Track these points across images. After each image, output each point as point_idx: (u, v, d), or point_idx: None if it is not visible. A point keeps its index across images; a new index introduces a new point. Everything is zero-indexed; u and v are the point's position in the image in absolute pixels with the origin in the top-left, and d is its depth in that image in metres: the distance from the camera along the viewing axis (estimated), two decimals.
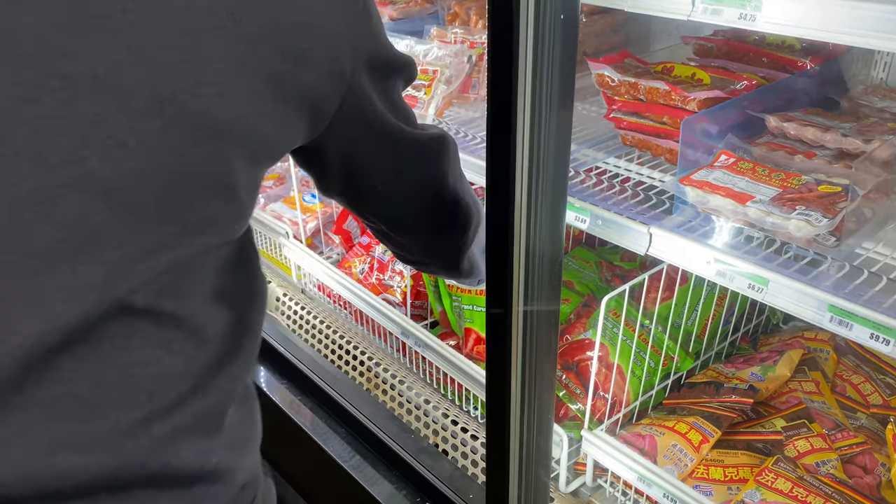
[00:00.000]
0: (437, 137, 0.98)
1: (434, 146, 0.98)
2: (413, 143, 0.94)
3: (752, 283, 1.13)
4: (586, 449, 1.45)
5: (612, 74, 1.45)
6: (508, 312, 0.98)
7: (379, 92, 0.86)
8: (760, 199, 1.15)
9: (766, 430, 1.47)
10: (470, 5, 1.88)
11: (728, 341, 1.74)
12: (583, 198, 1.33)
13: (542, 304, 1.01)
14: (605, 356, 1.53)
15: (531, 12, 0.80)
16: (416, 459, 1.59)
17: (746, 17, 0.98)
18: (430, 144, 0.97)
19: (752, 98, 1.35)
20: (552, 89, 0.86)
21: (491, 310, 1.01)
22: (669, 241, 1.21)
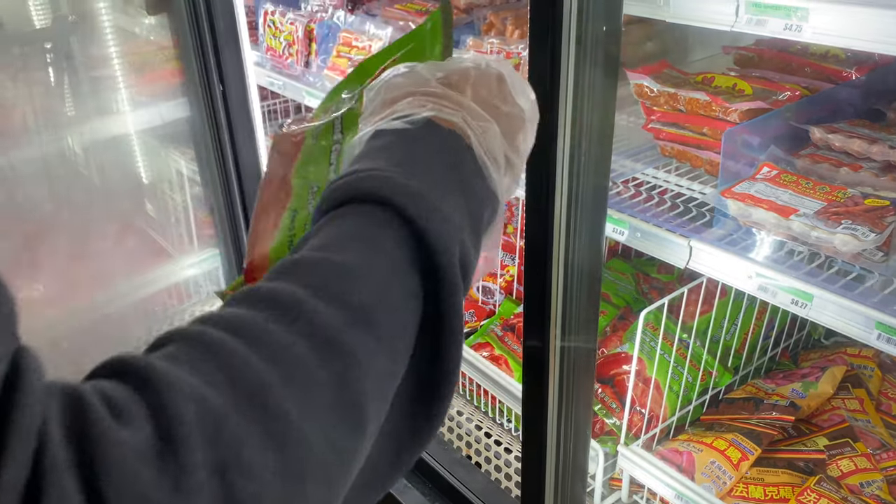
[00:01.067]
0: None
1: None
2: None
3: (795, 299, 1.10)
4: (622, 464, 1.43)
5: (652, 85, 1.43)
6: (546, 328, 0.97)
7: None
8: (804, 212, 1.13)
9: (807, 449, 1.44)
10: (506, 15, 1.87)
11: (768, 356, 1.71)
12: (621, 209, 1.31)
13: (581, 318, 1.00)
14: (642, 370, 1.50)
15: (573, 25, 0.79)
16: (449, 471, 1.58)
17: (792, 27, 0.96)
18: None
19: (796, 109, 1.33)
20: (594, 102, 0.85)
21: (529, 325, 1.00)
22: (710, 255, 1.19)
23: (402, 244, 0.52)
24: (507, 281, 2.00)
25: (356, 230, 0.52)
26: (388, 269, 0.51)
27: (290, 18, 2.08)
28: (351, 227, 0.52)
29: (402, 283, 0.51)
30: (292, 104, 3.13)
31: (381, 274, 0.50)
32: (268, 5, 2.16)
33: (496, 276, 2.00)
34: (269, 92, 2.59)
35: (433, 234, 0.51)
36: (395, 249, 0.51)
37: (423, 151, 0.57)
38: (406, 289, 0.51)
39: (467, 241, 0.55)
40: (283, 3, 2.15)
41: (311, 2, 2.16)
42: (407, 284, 0.51)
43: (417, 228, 0.51)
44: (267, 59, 2.16)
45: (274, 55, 2.14)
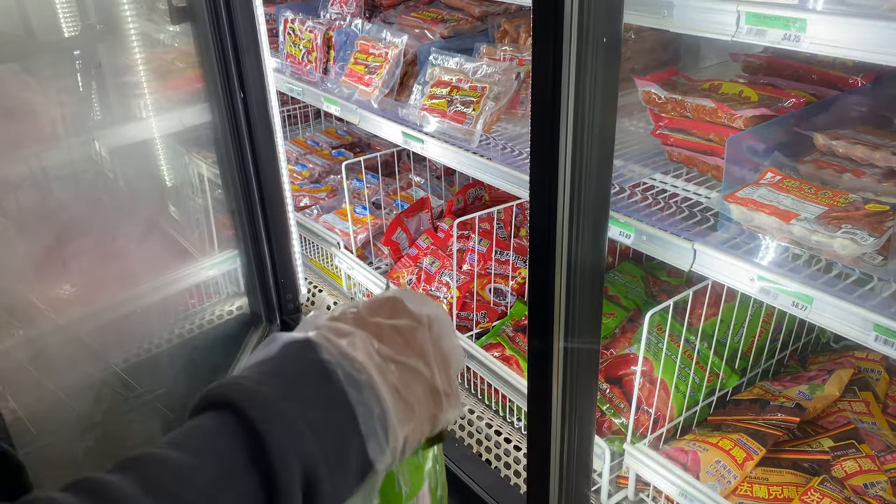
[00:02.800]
0: None
1: None
2: None
3: (796, 301, 1.13)
4: (629, 463, 1.46)
5: (659, 92, 1.46)
6: (550, 326, 1.01)
7: None
8: (805, 216, 1.15)
9: (812, 450, 1.46)
10: (519, 23, 1.91)
11: (775, 359, 1.73)
12: (628, 213, 1.34)
13: (584, 317, 1.03)
14: (649, 371, 1.53)
15: (574, 36, 0.83)
16: (459, 467, 1.62)
17: (791, 38, 1.00)
18: None
19: (801, 116, 1.35)
20: (594, 109, 0.89)
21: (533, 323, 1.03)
22: (713, 258, 1.22)
23: (241, 447, 0.55)
24: (519, 283, 2.04)
25: (202, 431, 0.56)
26: (224, 469, 0.54)
27: (310, 26, 2.13)
28: (199, 428, 0.56)
29: (236, 484, 0.53)
30: (311, 109, 3.20)
31: (214, 473, 0.53)
32: (288, 13, 2.22)
33: (508, 279, 2.04)
34: (287, 97, 2.65)
35: (269, 437, 0.54)
36: (233, 451, 0.54)
37: (292, 365, 0.62)
38: (244, 488, 0.54)
39: (315, 454, 0.56)
40: (303, 12, 2.21)
41: (330, 10, 2.22)
42: (243, 486, 0.54)
43: (256, 430, 0.54)
44: (286, 66, 2.22)
45: (293, 62, 2.20)
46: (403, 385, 0.64)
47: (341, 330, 0.64)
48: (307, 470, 0.55)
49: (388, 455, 0.62)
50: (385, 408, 0.61)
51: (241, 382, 0.58)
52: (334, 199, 2.60)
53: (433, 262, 2.13)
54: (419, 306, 0.70)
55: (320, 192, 2.64)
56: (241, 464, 0.54)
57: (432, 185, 2.59)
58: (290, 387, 0.59)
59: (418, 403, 0.65)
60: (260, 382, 0.58)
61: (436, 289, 2.08)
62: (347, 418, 0.60)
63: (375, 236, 2.36)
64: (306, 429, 0.56)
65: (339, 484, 0.58)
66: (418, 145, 1.77)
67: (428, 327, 0.68)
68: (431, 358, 0.67)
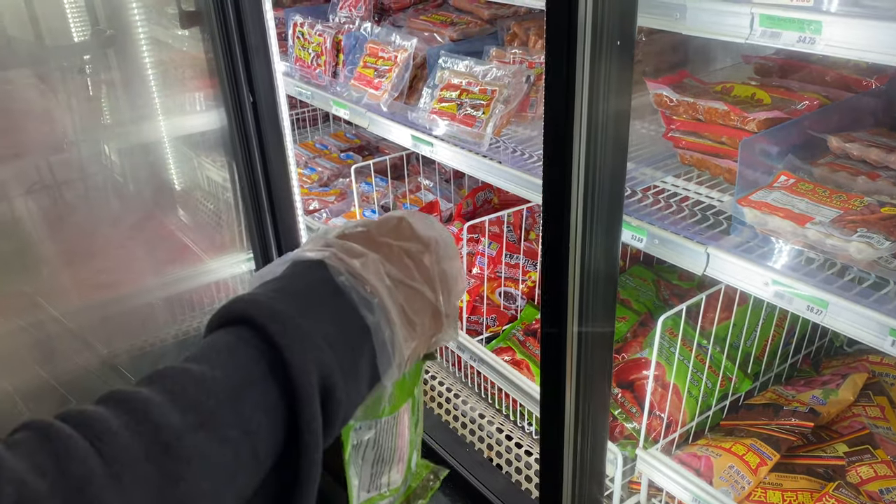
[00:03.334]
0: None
1: None
2: None
3: (810, 305, 1.12)
4: (641, 468, 1.45)
5: (671, 94, 1.45)
6: (563, 331, 1.00)
7: None
8: (820, 220, 1.14)
9: (827, 455, 1.45)
10: (529, 26, 1.91)
11: (788, 363, 1.72)
12: (640, 217, 1.33)
13: (597, 323, 1.02)
14: (661, 375, 1.52)
15: (588, 38, 0.83)
16: (471, 472, 1.61)
17: (805, 40, 0.99)
18: None
19: (814, 118, 1.34)
20: (608, 111, 0.88)
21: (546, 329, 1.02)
22: (727, 262, 1.21)
23: (260, 359, 0.57)
24: (529, 287, 2.03)
25: (221, 345, 0.58)
26: (243, 380, 0.56)
27: (319, 30, 2.13)
28: (218, 343, 0.59)
29: (257, 392, 0.56)
30: (320, 112, 3.20)
31: (234, 384, 0.55)
32: (297, 17, 2.22)
33: (518, 282, 2.03)
34: (296, 101, 2.66)
35: (288, 350, 0.57)
36: (252, 363, 0.57)
37: (305, 283, 0.64)
38: (262, 399, 0.56)
39: (331, 363, 0.59)
40: (312, 15, 2.21)
41: (339, 14, 2.22)
42: (263, 395, 0.56)
43: (275, 344, 0.57)
44: (296, 70, 2.22)
45: (303, 66, 2.20)
46: (409, 306, 0.67)
47: (353, 250, 0.66)
48: (323, 379, 0.58)
49: (395, 370, 0.65)
50: (393, 328, 0.65)
51: (257, 299, 0.60)
52: (343, 203, 2.60)
53: None
54: (426, 229, 0.72)
55: (329, 196, 2.64)
56: (261, 374, 0.57)
57: (441, 188, 2.58)
58: (306, 303, 0.61)
59: (421, 324, 0.68)
60: (276, 299, 0.60)
61: None
62: (360, 335, 0.63)
63: None
64: (323, 342, 0.59)
65: (352, 392, 0.62)
66: (428, 149, 1.77)
67: (434, 251, 0.70)
68: (437, 282, 0.69)
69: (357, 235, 0.69)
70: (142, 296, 2.02)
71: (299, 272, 0.65)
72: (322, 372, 0.58)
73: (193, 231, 2.17)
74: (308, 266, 0.65)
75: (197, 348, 0.58)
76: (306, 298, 0.62)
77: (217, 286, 2.18)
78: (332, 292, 0.63)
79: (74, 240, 1.88)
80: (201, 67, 1.92)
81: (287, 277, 0.65)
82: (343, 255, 0.65)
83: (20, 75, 1.75)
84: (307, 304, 0.61)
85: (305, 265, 0.65)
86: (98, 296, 1.94)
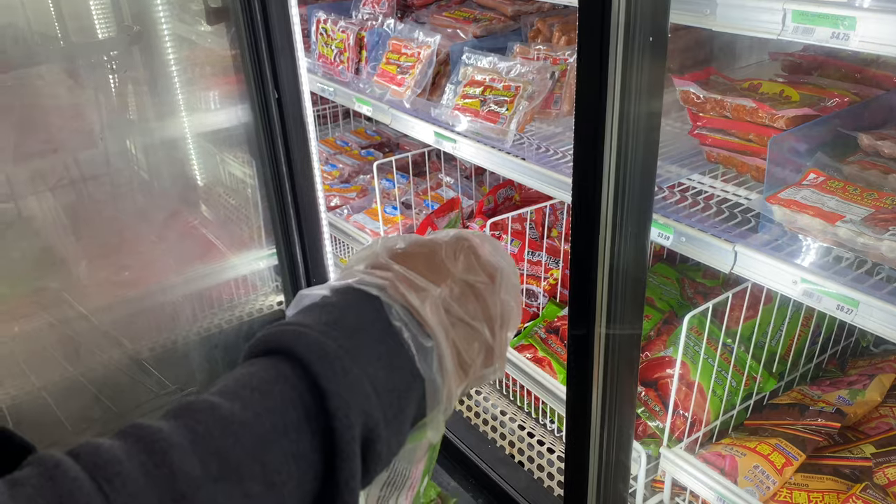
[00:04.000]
0: None
1: None
2: None
3: (840, 305, 1.11)
4: (665, 466, 1.45)
5: (698, 91, 1.44)
6: (591, 330, 1.00)
7: None
8: (851, 218, 1.13)
9: (854, 456, 1.43)
10: (553, 22, 1.90)
11: (814, 363, 1.70)
12: (666, 214, 1.33)
13: (625, 325, 1.02)
14: (685, 374, 1.51)
15: (621, 34, 0.82)
16: (493, 469, 1.61)
17: (839, 36, 0.98)
18: None
19: (844, 116, 1.33)
20: (640, 108, 0.88)
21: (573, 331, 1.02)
22: (755, 260, 1.20)
23: (298, 402, 0.51)
24: (551, 284, 2.02)
25: (257, 381, 0.52)
26: (276, 427, 0.50)
27: (342, 27, 2.14)
28: (254, 378, 0.52)
29: (290, 441, 0.50)
30: (340, 109, 3.21)
31: (265, 430, 0.50)
32: (320, 14, 2.22)
33: (540, 280, 2.03)
34: (317, 98, 2.66)
35: (334, 399, 0.51)
36: (289, 406, 0.51)
37: (356, 316, 0.57)
38: (294, 447, 0.50)
39: (376, 414, 0.53)
40: (335, 12, 2.21)
41: (362, 10, 2.22)
42: (296, 443, 0.50)
43: (319, 388, 0.51)
44: (318, 66, 2.23)
45: (325, 62, 2.20)
46: (465, 347, 0.61)
47: (414, 282, 0.59)
48: (367, 431, 0.53)
49: (441, 420, 0.60)
50: (446, 376, 0.59)
51: (305, 332, 0.54)
52: (364, 199, 2.60)
53: None
54: (495, 256, 0.65)
55: (350, 192, 2.65)
56: (297, 421, 0.51)
57: (462, 185, 2.58)
58: (356, 341, 0.55)
59: (473, 364, 0.62)
60: (324, 333, 0.54)
61: None
62: (409, 383, 0.57)
63: None
64: (371, 390, 0.53)
65: (393, 443, 0.56)
66: (451, 145, 1.77)
67: (498, 283, 0.64)
68: (496, 319, 0.64)
69: (420, 257, 0.62)
70: (166, 292, 2.04)
71: (352, 303, 0.58)
72: (367, 423, 0.52)
73: (216, 227, 2.19)
74: (362, 297, 0.58)
75: (232, 376, 0.53)
76: (357, 336, 0.55)
77: (237, 282, 2.20)
78: (386, 332, 0.57)
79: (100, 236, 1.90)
80: (225, 64, 1.93)
81: (338, 307, 0.58)
82: (402, 286, 0.59)
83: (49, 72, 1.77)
84: (358, 344, 0.55)
85: (359, 295, 0.58)
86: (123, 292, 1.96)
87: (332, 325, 0.55)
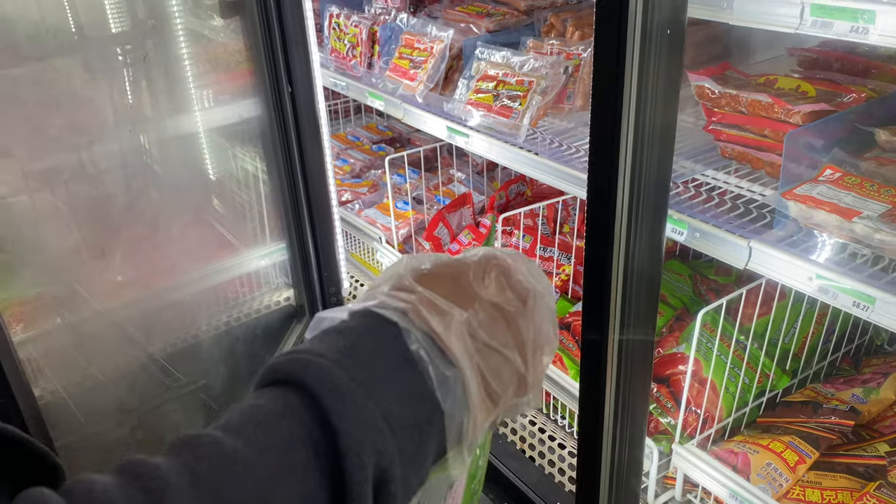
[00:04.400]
0: None
1: None
2: None
3: (857, 301, 1.10)
4: (676, 463, 1.44)
5: (713, 86, 1.43)
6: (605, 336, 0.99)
7: None
8: (868, 214, 1.12)
9: (868, 455, 1.42)
10: (566, 17, 1.89)
11: (828, 361, 1.69)
12: (680, 210, 1.32)
13: (638, 327, 1.01)
14: (698, 371, 1.51)
15: (639, 28, 0.82)
16: (503, 463, 1.61)
17: (859, 30, 0.97)
18: None
19: (861, 111, 1.32)
20: (657, 103, 0.87)
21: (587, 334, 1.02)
22: (770, 256, 1.20)
23: (307, 439, 0.48)
24: (563, 280, 2.02)
25: (263, 415, 0.49)
26: (281, 466, 0.47)
27: (355, 21, 2.14)
28: (260, 412, 0.49)
29: (296, 481, 0.47)
30: (352, 104, 3.21)
31: (269, 471, 0.47)
32: (333, 8, 2.22)
33: (552, 276, 2.03)
34: (328, 92, 2.67)
35: (345, 437, 0.48)
36: (296, 443, 0.48)
37: (373, 345, 0.53)
38: (299, 487, 0.47)
39: (391, 452, 0.50)
40: (348, 6, 2.21)
41: (375, 5, 2.22)
42: (301, 483, 0.47)
43: (329, 424, 0.48)
44: (330, 61, 2.23)
45: (338, 57, 2.20)
46: (494, 376, 0.56)
47: (437, 305, 0.55)
48: (380, 471, 0.49)
49: (465, 456, 0.56)
50: (472, 409, 0.54)
51: (314, 360, 0.51)
52: (376, 194, 2.60)
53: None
54: (530, 278, 0.60)
55: (361, 187, 2.65)
56: (304, 460, 0.47)
57: (473, 180, 2.58)
58: (372, 372, 0.51)
59: (504, 394, 0.57)
60: (337, 362, 0.51)
61: None
62: (429, 417, 0.53)
63: (417, 231, 2.36)
64: (385, 426, 0.50)
65: (411, 481, 0.52)
66: (463, 140, 1.77)
67: (531, 307, 0.59)
68: (529, 346, 0.58)
69: (446, 279, 0.58)
70: (179, 288, 2.04)
71: (371, 328, 0.55)
72: (380, 463, 0.49)
73: (228, 222, 2.20)
74: (381, 322, 0.54)
75: (238, 409, 0.50)
76: (373, 366, 0.52)
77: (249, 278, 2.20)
78: (404, 362, 0.53)
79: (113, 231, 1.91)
80: (238, 58, 1.94)
81: (356, 333, 0.54)
82: (425, 310, 0.54)
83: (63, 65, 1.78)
84: (373, 374, 0.51)
85: (378, 320, 0.55)
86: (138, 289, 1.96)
87: (346, 353, 0.52)
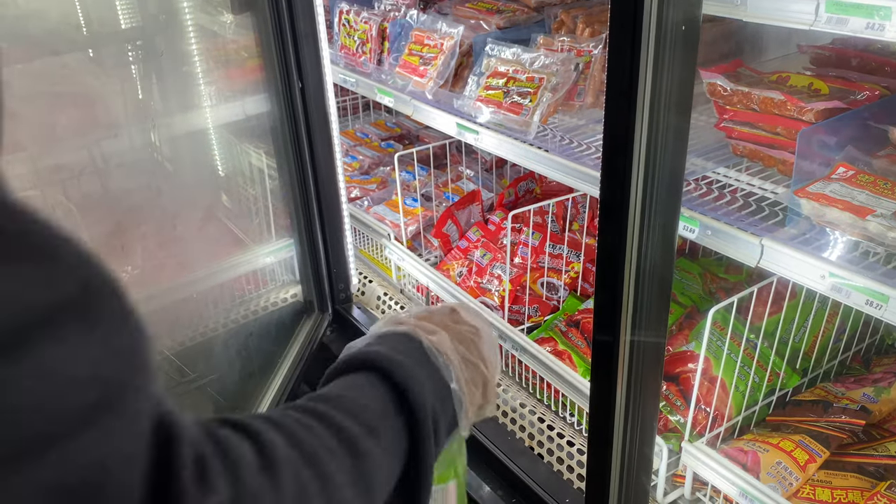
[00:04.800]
0: None
1: None
2: None
3: (870, 300, 1.10)
4: (686, 461, 1.44)
5: (725, 84, 1.43)
6: (617, 322, 0.99)
7: None
8: (882, 212, 1.12)
9: (878, 454, 1.42)
10: (577, 13, 1.89)
11: (838, 360, 1.68)
12: (691, 207, 1.32)
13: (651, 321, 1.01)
14: (708, 369, 1.50)
15: (654, 25, 0.81)
16: (512, 460, 1.61)
17: (874, 26, 0.96)
18: None
19: (874, 109, 1.31)
20: (671, 100, 0.87)
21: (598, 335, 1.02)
22: (782, 254, 1.19)
23: (387, 398, 0.71)
24: (572, 278, 2.02)
25: (362, 383, 0.72)
26: (383, 408, 0.70)
27: (365, 17, 2.14)
28: (358, 382, 0.73)
29: (391, 419, 0.70)
30: (360, 101, 3.21)
31: (378, 410, 0.70)
32: (343, 4, 2.22)
33: (560, 273, 2.02)
34: (337, 89, 2.67)
35: (411, 392, 0.71)
36: (386, 399, 0.71)
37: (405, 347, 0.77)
38: (394, 424, 0.70)
39: (436, 405, 0.74)
40: (358, 3, 2.21)
41: (385, 1, 2.22)
42: (394, 422, 0.70)
43: (401, 387, 0.71)
44: (340, 57, 2.23)
45: (348, 53, 2.20)
46: (470, 378, 0.81)
47: (428, 328, 0.80)
48: (433, 421, 0.72)
49: (465, 425, 0.80)
50: (462, 393, 0.79)
51: (380, 352, 0.74)
52: (384, 191, 2.60)
53: (484, 254, 2.13)
54: (473, 318, 0.86)
55: (370, 184, 2.65)
56: (393, 408, 0.71)
57: (482, 177, 2.58)
58: (411, 360, 0.75)
59: (475, 394, 0.81)
60: (393, 352, 0.74)
61: (487, 281, 2.07)
62: (446, 392, 0.77)
63: (426, 228, 2.36)
64: (430, 392, 0.73)
65: (443, 433, 0.76)
66: (473, 136, 1.76)
67: (480, 336, 0.85)
68: (489, 361, 0.84)
69: (424, 316, 0.83)
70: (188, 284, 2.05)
71: (394, 340, 0.78)
72: (434, 416, 0.72)
73: (237, 218, 2.20)
74: (399, 336, 0.78)
75: (338, 384, 0.72)
76: (411, 357, 0.75)
77: (255, 275, 2.21)
78: (425, 357, 0.77)
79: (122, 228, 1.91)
80: (249, 54, 1.94)
81: (389, 338, 0.78)
82: (421, 331, 0.79)
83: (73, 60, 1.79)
84: (413, 362, 0.74)
85: (396, 335, 0.78)
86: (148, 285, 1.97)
87: (392, 349, 0.75)
